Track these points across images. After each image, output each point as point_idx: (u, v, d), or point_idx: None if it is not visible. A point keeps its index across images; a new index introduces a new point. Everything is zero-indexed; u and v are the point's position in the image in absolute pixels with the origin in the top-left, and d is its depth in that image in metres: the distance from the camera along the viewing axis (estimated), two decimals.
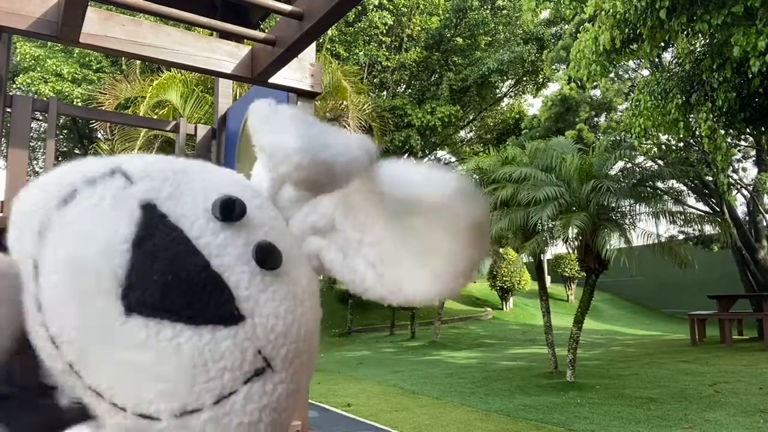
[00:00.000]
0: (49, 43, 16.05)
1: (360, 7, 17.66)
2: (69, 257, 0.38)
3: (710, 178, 13.62)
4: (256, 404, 0.39)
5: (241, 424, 0.39)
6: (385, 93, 20.68)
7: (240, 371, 0.39)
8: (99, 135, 18.15)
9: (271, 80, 2.33)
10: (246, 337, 0.39)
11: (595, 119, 15.32)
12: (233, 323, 0.39)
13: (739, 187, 15.16)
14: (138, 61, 12.71)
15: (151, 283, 0.37)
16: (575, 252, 8.64)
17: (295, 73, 2.41)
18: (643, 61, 14.26)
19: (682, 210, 9.73)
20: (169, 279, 0.37)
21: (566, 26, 16.16)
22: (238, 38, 2.45)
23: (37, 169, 22.88)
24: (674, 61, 11.53)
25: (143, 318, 0.37)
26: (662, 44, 7.99)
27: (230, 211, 0.41)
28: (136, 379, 0.37)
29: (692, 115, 8.34)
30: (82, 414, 0.41)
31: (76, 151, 24.21)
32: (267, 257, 0.42)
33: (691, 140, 12.42)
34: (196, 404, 0.38)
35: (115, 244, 0.38)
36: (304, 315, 0.44)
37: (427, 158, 22.69)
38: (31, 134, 17.64)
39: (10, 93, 5.37)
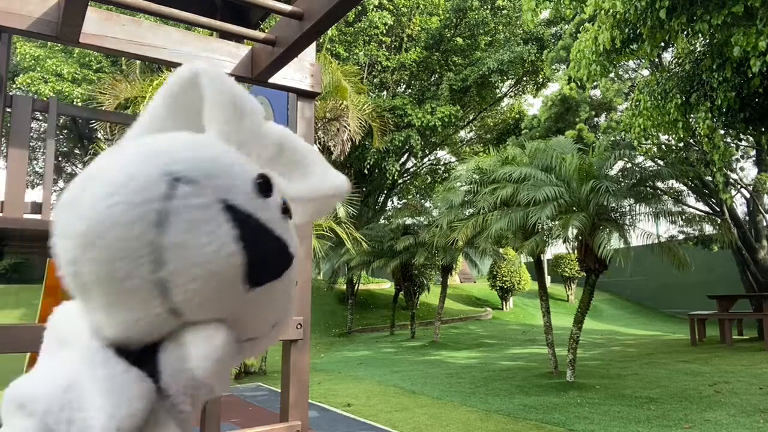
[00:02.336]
0: (49, 43, 16.05)
1: (360, 7, 17.66)
2: (201, 271, 0.46)
3: (710, 178, 13.63)
4: (296, 296, 0.62)
5: (292, 303, 0.59)
6: (385, 93, 20.68)
7: (295, 287, 0.58)
8: (99, 135, 18.16)
9: (271, 80, 2.33)
10: (295, 267, 0.55)
11: (595, 119, 15.32)
12: (291, 264, 0.53)
13: (738, 187, 15.16)
14: (138, 61, 12.71)
15: (261, 265, 0.49)
16: (575, 252, 8.64)
17: (295, 73, 2.41)
18: (643, 61, 14.26)
19: (682, 210, 9.73)
20: (268, 255, 0.50)
21: (566, 26, 16.15)
22: (238, 38, 2.45)
23: (37, 169, 22.91)
24: (674, 61, 11.53)
25: (259, 287, 0.50)
26: (662, 44, 7.99)
27: (268, 189, 0.52)
28: (256, 322, 0.53)
29: (692, 115, 8.33)
30: None
31: (77, 151, 24.21)
32: (287, 209, 0.55)
33: (691, 140, 12.42)
34: (282, 318, 0.56)
35: (230, 247, 0.47)
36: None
37: (427, 158, 22.70)
38: (31, 134, 17.66)
39: (10, 93, 5.37)
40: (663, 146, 13.27)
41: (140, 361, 0.49)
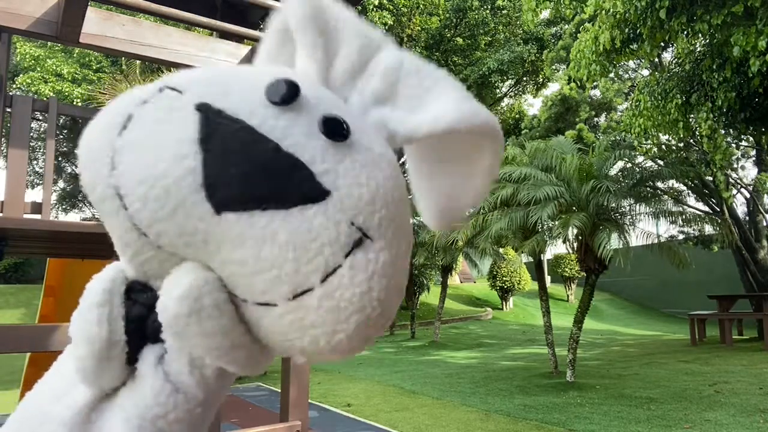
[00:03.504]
0: (49, 43, 16.05)
1: (360, 7, 17.66)
2: (147, 174, 0.38)
3: (710, 178, 13.63)
4: (363, 274, 0.40)
5: (354, 295, 0.39)
6: None
7: (338, 245, 0.39)
8: None
9: None
10: (336, 210, 0.39)
11: (595, 119, 15.32)
12: (320, 199, 0.39)
13: (739, 186, 15.16)
14: (138, 61, 12.71)
15: (230, 177, 0.37)
16: (575, 252, 8.65)
17: None
18: (643, 61, 14.26)
19: (682, 210, 9.73)
20: (246, 169, 0.38)
21: (566, 26, 16.16)
22: (238, 38, 2.45)
23: (37, 169, 22.92)
24: (674, 61, 11.52)
25: (234, 213, 0.37)
26: (662, 44, 7.99)
27: (285, 92, 0.41)
28: (242, 273, 0.39)
29: (692, 115, 8.33)
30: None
31: (76, 151, 24.18)
32: (335, 128, 0.41)
33: (691, 140, 12.42)
34: (306, 284, 0.39)
35: (184, 148, 0.38)
36: (387, 180, 0.43)
37: None
38: (31, 134, 17.66)
39: (10, 93, 5.38)
40: (663, 146, 13.27)
41: (151, 298, 0.43)
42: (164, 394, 0.41)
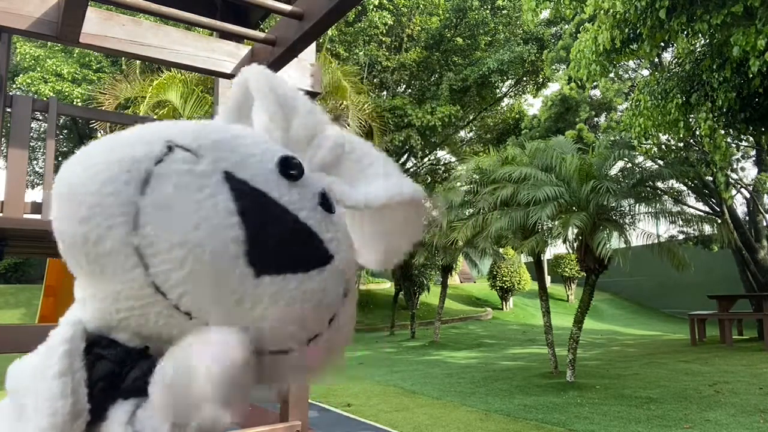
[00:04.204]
0: (49, 43, 16.05)
1: (360, 7, 17.65)
2: (185, 239, 0.41)
3: (710, 178, 13.62)
4: (348, 314, 0.50)
5: (345, 333, 0.50)
6: (385, 93, 20.68)
7: (339, 297, 0.48)
8: (99, 135, 18.15)
9: None
10: (339, 270, 0.47)
11: (595, 119, 15.32)
12: (329, 262, 0.46)
13: (739, 187, 15.16)
14: (138, 61, 12.71)
15: (267, 246, 0.43)
16: (575, 252, 8.65)
17: (295, 73, 2.41)
18: (643, 61, 14.26)
19: (681, 210, 9.73)
20: (279, 238, 0.44)
21: (566, 26, 16.15)
22: (238, 38, 2.45)
23: (37, 169, 22.90)
24: (674, 61, 11.52)
25: (270, 276, 0.43)
26: (662, 44, 7.99)
27: (293, 169, 0.47)
28: (271, 328, 0.44)
29: (692, 115, 8.34)
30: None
31: (76, 151, 24.18)
32: (328, 203, 0.50)
33: (691, 140, 12.42)
34: (318, 330, 0.47)
35: (226, 219, 0.42)
36: (352, 242, 0.53)
37: (427, 158, 22.70)
38: (31, 134, 17.65)
39: (10, 93, 5.37)
40: (663, 146, 13.27)
41: (121, 355, 0.44)
42: None
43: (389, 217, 0.55)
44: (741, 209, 15.61)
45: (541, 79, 20.74)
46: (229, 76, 2.38)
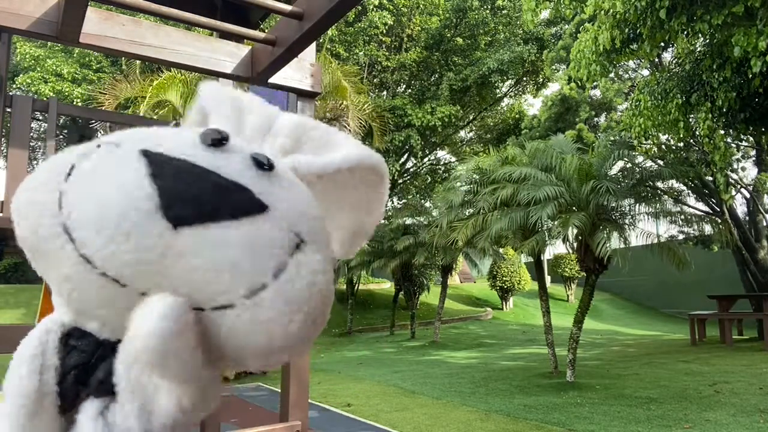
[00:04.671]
0: (49, 43, 16.05)
1: (360, 7, 17.66)
2: (99, 204, 0.42)
3: (710, 178, 13.62)
4: (306, 269, 0.47)
5: (302, 287, 0.46)
6: (385, 93, 20.68)
7: (284, 247, 0.46)
8: (99, 135, 18.14)
9: (271, 80, 2.33)
10: (279, 219, 0.46)
11: (595, 119, 15.32)
12: (263, 211, 0.45)
13: (739, 187, 15.16)
14: (138, 61, 12.71)
15: (183, 199, 0.43)
16: (575, 252, 8.65)
17: (295, 73, 2.41)
18: (643, 61, 14.26)
19: (681, 210, 9.73)
20: (196, 190, 0.44)
21: (566, 26, 16.15)
22: (238, 38, 2.45)
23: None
24: (674, 61, 11.52)
25: (190, 228, 0.42)
26: (662, 44, 7.99)
27: (218, 135, 0.48)
28: (202, 279, 0.43)
29: (692, 115, 8.33)
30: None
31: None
32: (262, 162, 0.48)
33: (691, 140, 12.42)
34: (260, 282, 0.44)
35: (139, 181, 0.43)
36: (308, 199, 0.52)
37: (427, 158, 22.71)
38: (31, 134, 17.64)
39: (10, 93, 5.37)
40: (663, 146, 13.27)
41: (92, 346, 0.45)
42: None
43: (351, 192, 0.56)
44: (741, 209, 15.62)
45: (541, 79, 20.75)
46: (229, 77, 2.38)
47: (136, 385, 0.43)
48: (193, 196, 0.43)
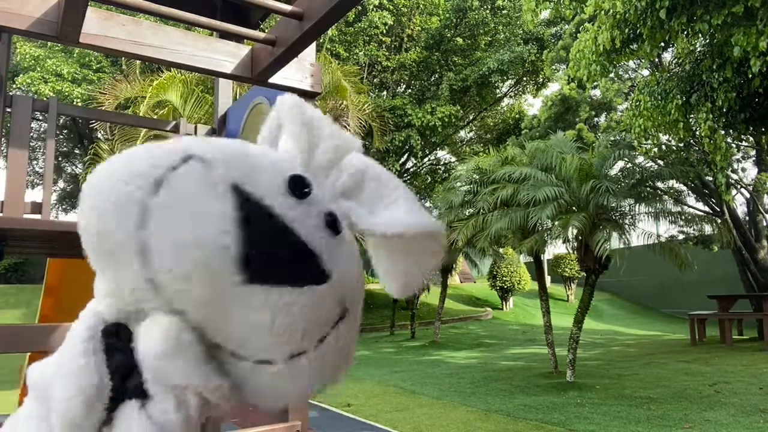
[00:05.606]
0: (49, 43, 16.05)
1: (360, 7, 17.66)
2: (187, 239, 0.43)
3: (710, 178, 13.62)
4: (342, 340, 0.50)
5: (336, 356, 0.50)
6: (385, 93, 20.68)
7: (331, 321, 0.49)
8: (99, 135, 18.16)
9: (271, 80, 2.33)
10: (335, 291, 0.48)
11: (595, 119, 15.32)
12: (324, 281, 0.47)
13: (739, 187, 15.16)
14: (138, 61, 12.72)
15: (260, 256, 0.44)
16: (575, 252, 8.65)
17: (295, 73, 2.41)
18: (643, 61, 14.26)
19: (681, 210, 9.73)
20: (274, 251, 0.45)
21: (566, 26, 16.15)
22: (238, 38, 2.44)
23: (37, 169, 22.87)
24: (674, 61, 11.52)
25: (260, 286, 0.44)
26: (662, 44, 7.98)
27: (302, 187, 0.49)
28: (256, 334, 0.46)
29: (692, 116, 8.33)
30: None
31: (76, 151, 24.22)
32: (334, 224, 0.51)
33: (692, 140, 12.41)
34: (303, 348, 0.48)
35: (226, 224, 0.44)
36: (359, 268, 0.54)
37: (427, 158, 22.71)
38: (31, 134, 17.66)
39: (10, 93, 5.37)
40: (663, 146, 13.27)
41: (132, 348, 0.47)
42: None
43: (407, 247, 0.56)
44: (741, 209, 15.62)
45: (541, 79, 20.74)
46: (229, 76, 2.38)
47: (167, 387, 0.46)
48: (272, 255, 0.45)
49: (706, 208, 14.77)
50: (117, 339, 0.47)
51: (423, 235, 0.55)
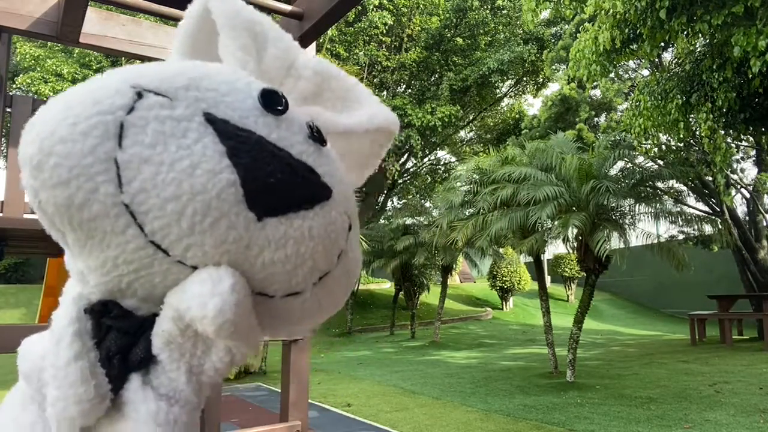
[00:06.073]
0: (49, 43, 16.04)
1: (360, 7, 17.65)
2: (179, 190, 0.39)
3: (710, 178, 13.62)
4: (354, 246, 0.49)
5: (353, 267, 0.49)
6: (385, 93, 20.68)
7: (344, 233, 0.47)
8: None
9: None
10: (339, 204, 0.46)
11: (595, 119, 15.31)
12: (330, 195, 0.45)
13: (739, 187, 15.16)
14: (138, 61, 12.70)
15: (266, 188, 0.41)
16: (575, 252, 8.65)
17: None
18: (643, 61, 14.26)
19: (681, 210, 9.73)
20: (276, 177, 0.41)
21: (566, 26, 16.15)
22: None
23: None
24: (674, 61, 11.52)
25: (274, 218, 0.41)
26: (662, 44, 7.98)
27: (277, 102, 0.44)
28: (283, 269, 0.43)
29: (692, 116, 8.33)
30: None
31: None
32: (318, 135, 0.47)
33: (691, 140, 12.41)
34: (328, 268, 0.45)
35: (219, 162, 0.39)
36: (347, 175, 0.51)
37: (427, 158, 22.70)
38: None
39: (10, 93, 5.38)
40: (663, 146, 13.27)
41: (131, 324, 0.43)
42: (162, 413, 0.41)
43: (357, 148, 0.55)
44: (741, 209, 15.61)
45: (541, 79, 20.74)
46: None
47: (183, 352, 0.42)
48: (274, 183, 0.41)
49: (706, 208, 14.77)
50: (108, 317, 0.43)
51: (383, 130, 0.54)
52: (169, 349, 0.42)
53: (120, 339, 0.43)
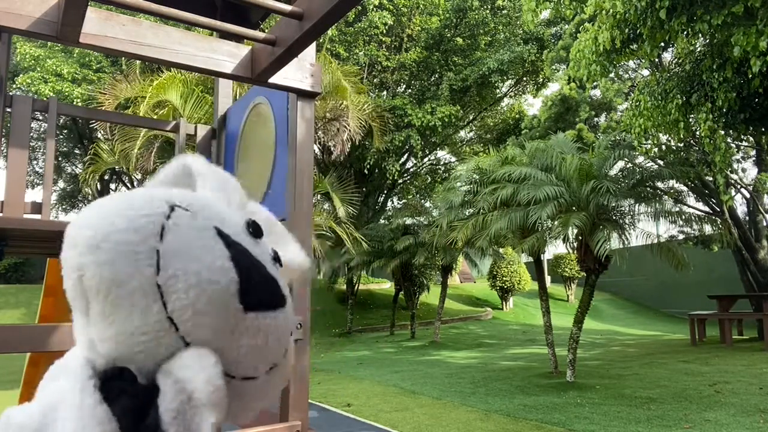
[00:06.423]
0: (49, 43, 16.05)
1: (360, 7, 17.66)
2: (198, 280, 0.50)
3: (710, 178, 13.62)
4: (292, 356, 0.62)
5: (292, 361, 0.61)
6: (385, 93, 20.68)
7: (292, 330, 0.60)
8: (99, 135, 18.15)
9: (271, 80, 2.33)
10: (289, 312, 0.59)
11: (595, 119, 15.31)
12: (285, 303, 0.58)
13: (739, 187, 15.16)
14: (138, 61, 12.71)
15: (254, 287, 0.54)
16: (575, 252, 8.65)
17: (295, 73, 2.41)
18: (643, 61, 14.26)
19: (681, 210, 9.73)
20: (260, 282, 0.55)
21: (566, 26, 16.15)
22: (238, 38, 2.44)
23: (37, 169, 22.87)
24: (674, 61, 11.53)
25: (254, 313, 0.53)
26: (662, 44, 7.98)
27: (258, 230, 0.60)
28: (250, 355, 0.54)
29: (692, 116, 8.33)
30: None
31: (76, 151, 24.21)
32: (278, 258, 0.62)
33: (691, 140, 12.41)
34: (277, 361, 0.58)
35: (226, 263, 0.52)
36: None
37: (427, 158, 22.70)
38: (31, 134, 17.65)
39: (10, 93, 5.37)
40: (663, 146, 13.27)
41: (140, 390, 0.49)
42: None
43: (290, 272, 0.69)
44: (741, 209, 15.61)
45: (541, 79, 20.74)
46: (229, 76, 2.38)
47: (187, 425, 0.49)
48: (259, 285, 0.54)
49: (706, 208, 14.77)
50: (122, 381, 0.50)
51: (301, 269, 0.70)
52: (176, 422, 0.49)
53: (129, 401, 0.49)
